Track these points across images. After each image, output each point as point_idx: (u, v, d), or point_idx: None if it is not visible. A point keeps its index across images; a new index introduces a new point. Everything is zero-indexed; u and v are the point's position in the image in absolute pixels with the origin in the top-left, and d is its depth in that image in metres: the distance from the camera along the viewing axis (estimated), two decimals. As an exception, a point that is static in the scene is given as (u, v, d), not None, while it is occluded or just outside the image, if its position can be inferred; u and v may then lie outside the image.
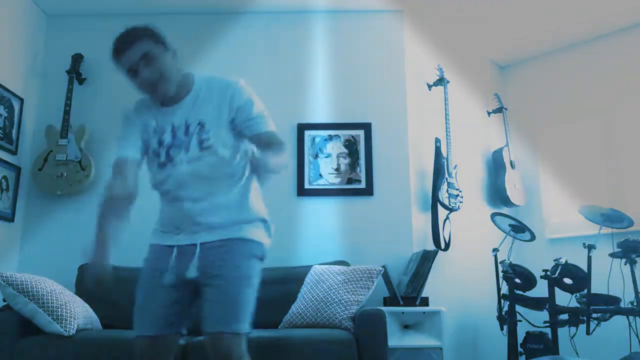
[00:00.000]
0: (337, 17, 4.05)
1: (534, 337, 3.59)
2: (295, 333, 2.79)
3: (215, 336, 1.77)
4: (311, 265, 3.29)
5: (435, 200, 3.86)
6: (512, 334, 3.48)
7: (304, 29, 4.04)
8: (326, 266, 3.25)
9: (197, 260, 1.84)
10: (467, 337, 3.98)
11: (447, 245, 3.85)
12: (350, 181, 3.81)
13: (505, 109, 4.68)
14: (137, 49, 1.84)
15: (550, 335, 3.42)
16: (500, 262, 3.61)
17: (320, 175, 3.82)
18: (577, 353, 3.57)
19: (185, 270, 1.85)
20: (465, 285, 3.99)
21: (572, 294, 3.55)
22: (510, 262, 3.60)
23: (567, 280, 3.51)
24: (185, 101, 1.92)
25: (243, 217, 1.89)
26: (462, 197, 3.97)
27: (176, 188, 1.89)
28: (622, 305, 3.36)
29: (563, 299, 3.55)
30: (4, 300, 2.69)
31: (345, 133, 3.87)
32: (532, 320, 3.59)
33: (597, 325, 3.32)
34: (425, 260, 3.44)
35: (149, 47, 1.85)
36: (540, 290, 3.56)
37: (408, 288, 3.37)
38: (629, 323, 3.42)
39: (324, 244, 3.66)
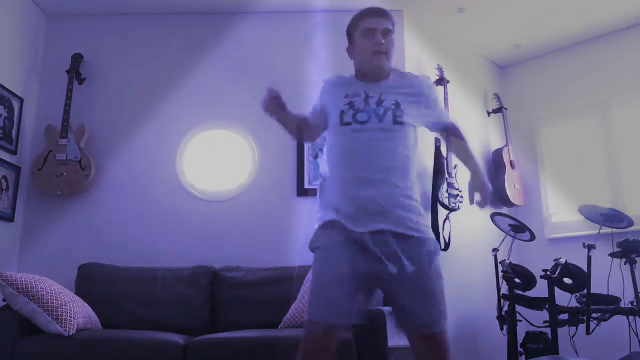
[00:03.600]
0: (337, 17, 4.05)
1: (534, 337, 3.59)
2: (295, 333, 2.78)
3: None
4: (311, 265, 3.29)
5: (435, 200, 3.86)
6: (512, 334, 3.48)
7: (304, 29, 4.04)
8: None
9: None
10: (467, 337, 3.98)
11: (447, 245, 3.85)
12: (350, 181, 3.80)
13: (505, 109, 4.68)
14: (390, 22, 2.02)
15: (550, 335, 3.42)
16: (500, 262, 3.61)
17: (321, 175, 3.82)
18: (577, 353, 3.57)
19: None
20: (465, 285, 3.99)
21: (572, 294, 3.55)
22: (510, 262, 3.60)
23: (567, 280, 3.51)
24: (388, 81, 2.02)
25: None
26: (462, 197, 3.97)
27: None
28: (622, 305, 3.36)
29: (563, 299, 3.55)
30: (4, 300, 2.69)
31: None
32: (532, 320, 3.59)
33: (597, 325, 3.32)
34: (425, 260, 3.44)
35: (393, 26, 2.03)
36: (540, 290, 3.56)
37: (408, 288, 3.37)
38: (629, 323, 3.42)
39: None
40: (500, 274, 3.60)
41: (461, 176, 4.07)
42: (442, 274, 1.88)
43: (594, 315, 3.32)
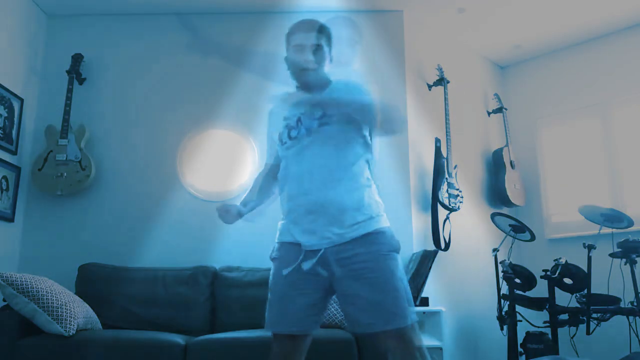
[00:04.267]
0: (337, 17, 4.05)
1: (534, 337, 3.59)
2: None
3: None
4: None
5: (435, 200, 3.86)
6: (512, 334, 3.48)
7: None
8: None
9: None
10: (467, 337, 3.98)
11: (447, 245, 3.85)
12: (350, 181, 3.80)
13: (505, 109, 4.68)
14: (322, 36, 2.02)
15: (550, 335, 3.42)
16: (500, 262, 3.61)
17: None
18: (577, 353, 3.57)
19: None
20: (465, 285, 3.99)
21: (572, 294, 3.55)
22: (510, 262, 3.60)
23: (567, 280, 3.51)
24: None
25: None
26: (462, 197, 3.98)
27: None
28: (622, 305, 3.36)
29: (563, 299, 3.55)
30: (4, 300, 2.69)
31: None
32: (532, 320, 3.59)
33: (597, 325, 3.32)
34: (425, 260, 3.44)
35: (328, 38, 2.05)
36: (540, 290, 3.56)
37: (408, 288, 3.37)
38: (629, 323, 3.42)
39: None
40: (500, 274, 3.60)
41: (461, 176, 4.07)
42: (390, 269, 1.75)
43: (594, 315, 3.32)
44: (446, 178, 3.91)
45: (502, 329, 3.57)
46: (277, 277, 1.90)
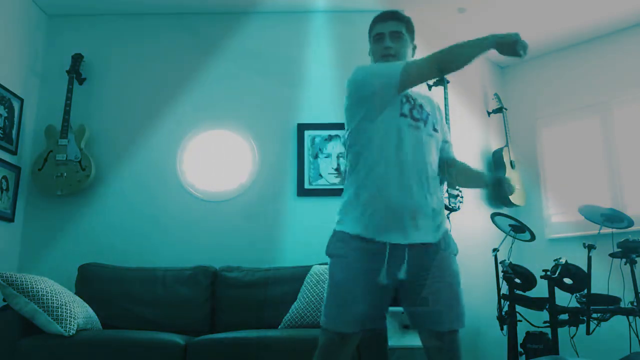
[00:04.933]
0: (337, 17, 4.05)
1: (534, 337, 3.59)
2: (295, 333, 2.79)
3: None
4: (311, 265, 3.29)
5: (435, 200, 3.85)
6: (512, 334, 3.48)
7: (304, 29, 4.04)
8: (326, 266, 3.24)
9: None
10: (467, 337, 3.98)
11: (447, 245, 3.85)
12: (350, 181, 3.80)
13: (505, 109, 4.68)
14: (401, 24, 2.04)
15: (550, 335, 3.42)
16: (500, 262, 3.61)
17: (320, 175, 3.82)
18: (577, 353, 3.57)
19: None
20: (465, 285, 3.98)
21: (572, 294, 3.55)
22: (510, 262, 3.60)
23: (567, 280, 3.50)
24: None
25: None
26: (462, 197, 3.97)
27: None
28: (622, 305, 3.36)
29: (563, 299, 3.55)
30: (4, 300, 2.69)
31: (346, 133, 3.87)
32: (532, 320, 3.59)
33: (597, 325, 3.32)
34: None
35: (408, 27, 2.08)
36: (540, 290, 3.56)
37: (408, 288, 3.37)
38: (629, 323, 3.42)
39: (324, 244, 3.66)
40: (500, 274, 3.60)
41: (461, 176, 4.06)
42: (458, 272, 1.90)
43: (594, 315, 3.31)
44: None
45: (502, 329, 3.57)
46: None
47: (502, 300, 3.58)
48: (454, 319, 1.80)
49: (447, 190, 3.89)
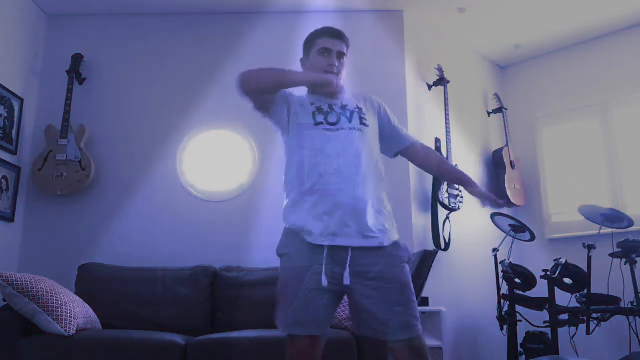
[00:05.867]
0: (337, 17, 4.05)
1: (534, 337, 3.59)
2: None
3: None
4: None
5: (435, 200, 3.86)
6: (512, 334, 3.48)
7: (304, 29, 4.03)
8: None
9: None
10: (467, 337, 3.98)
11: (447, 245, 3.85)
12: (350, 181, 3.80)
13: (505, 109, 4.68)
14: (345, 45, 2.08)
15: (550, 335, 3.42)
16: (500, 262, 3.61)
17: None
18: (577, 353, 3.57)
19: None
20: (465, 285, 3.99)
21: (572, 294, 3.55)
22: (510, 262, 3.60)
23: (567, 280, 3.51)
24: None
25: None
26: (462, 197, 3.98)
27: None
28: (622, 305, 3.36)
29: (563, 299, 3.55)
30: (4, 300, 2.69)
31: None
32: (532, 320, 3.59)
33: (597, 325, 3.32)
34: (425, 261, 3.43)
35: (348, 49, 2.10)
36: (540, 290, 3.56)
37: (408, 288, 3.37)
38: (629, 323, 3.42)
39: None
40: (500, 274, 3.60)
41: (461, 176, 4.06)
42: (406, 281, 1.79)
43: (594, 315, 3.32)
44: (446, 178, 3.90)
45: (502, 329, 3.57)
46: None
47: (502, 300, 3.58)
48: (398, 328, 1.74)
49: (447, 190, 3.90)
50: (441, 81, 4.14)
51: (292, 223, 1.85)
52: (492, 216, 3.86)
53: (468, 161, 4.31)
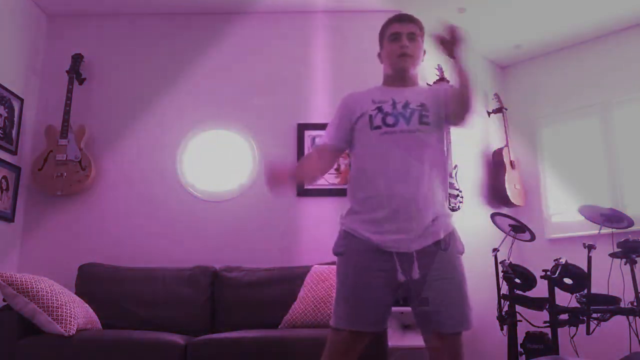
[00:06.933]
0: (337, 17, 4.05)
1: (534, 337, 3.59)
2: (295, 333, 2.79)
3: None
4: (311, 266, 3.29)
5: (435, 200, 3.85)
6: (512, 334, 3.48)
7: (304, 29, 4.04)
8: (326, 266, 3.25)
9: None
10: (467, 337, 3.97)
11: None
12: (350, 181, 3.80)
13: (505, 109, 4.68)
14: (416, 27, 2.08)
15: (550, 335, 3.42)
16: (500, 262, 3.61)
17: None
18: (577, 353, 3.56)
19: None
20: (465, 285, 3.98)
21: (572, 294, 3.55)
22: (510, 262, 3.60)
23: (567, 280, 3.50)
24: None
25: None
26: (462, 197, 3.97)
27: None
28: (622, 305, 3.36)
29: (563, 299, 3.55)
30: (4, 300, 2.69)
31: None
32: (532, 320, 3.59)
33: (597, 325, 3.31)
34: (425, 260, 3.44)
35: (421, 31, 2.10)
36: (540, 290, 3.56)
37: (408, 288, 3.37)
38: (629, 323, 3.42)
39: (324, 244, 3.65)
40: (500, 274, 3.60)
41: (461, 176, 4.07)
42: (462, 274, 1.94)
43: (594, 315, 3.31)
44: (446, 178, 3.90)
45: (502, 329, 3.57)
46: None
47: (502, 300, 3.58)
48: (457, 321, 1.83)
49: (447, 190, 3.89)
50: (441, 81, 4.14)
51: (350, 228, 1.88)
52: (492, 216, 3.86)
53: (468, 161, 4.31)
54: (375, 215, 1.83)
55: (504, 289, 3.63)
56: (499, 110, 4.67)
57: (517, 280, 3.60)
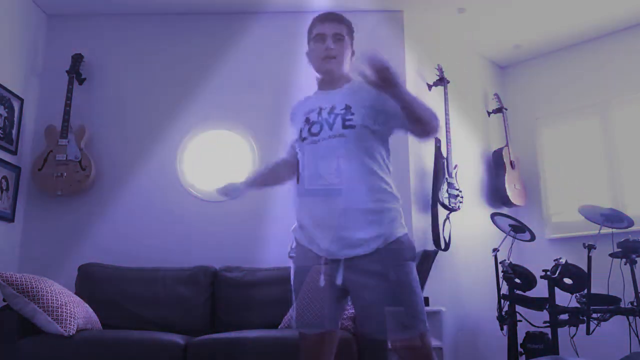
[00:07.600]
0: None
1: (534, 337, 3.59)
2: (295, 333, 2.78)
3: None
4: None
5: (435, 200, 3.86)
6: (512, 334, 3.48)
7: (305, 29, 4.03)
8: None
9: None
10: (467, 337, 3.98)
11: (447, 245, 3.85)
12: (350, 181, 3.80)
13: (505, 109, 4.68)
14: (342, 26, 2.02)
15: (550, 335, 3.42)
16: (500, 262, 3.61)
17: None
18: (577, 353, 3.57)
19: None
20: (465, 285, 3.99)
21: (572, 294, 3.55)
22: (510, 262, 3.60)
23: (567, 280, 3.51)
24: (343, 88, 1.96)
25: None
26: (462, 197, 3.97)
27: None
28: (622, 305, 3.36)
29: (563, 299, 3.55)
30: (4, 300, 2.69)
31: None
32: (532, 320, 3.59)
33: (597, 325, 3.32)
34: (425, 260, 3.44)
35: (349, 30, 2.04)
36: (540, 290, 3.56)
37: (408, 288, 3.37)
38: (629, 323, 3.42)
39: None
40: (500, 274, 3.60)
41: (461, 176, 4.07)
42: (403, 281, 1.74)
43: (594, 315, 3.31)
44: (446, 178, 3.91)
45: (502, 329, 3.57)
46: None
47: (502, 300, 3.58)
48: (374, 330, 1.76)
49: (447, 190, 3.90)
50: (441, 81, 4.14)
51: (295, 234, 1.97)
52: (492, 216, 3.86)
53: (468, 161, 4.31)
54: (305, 223, 1.90)
55: (504, 289, 3.63)
56: (499, 110, 4.67)
57: (517, 280, 3.61)
